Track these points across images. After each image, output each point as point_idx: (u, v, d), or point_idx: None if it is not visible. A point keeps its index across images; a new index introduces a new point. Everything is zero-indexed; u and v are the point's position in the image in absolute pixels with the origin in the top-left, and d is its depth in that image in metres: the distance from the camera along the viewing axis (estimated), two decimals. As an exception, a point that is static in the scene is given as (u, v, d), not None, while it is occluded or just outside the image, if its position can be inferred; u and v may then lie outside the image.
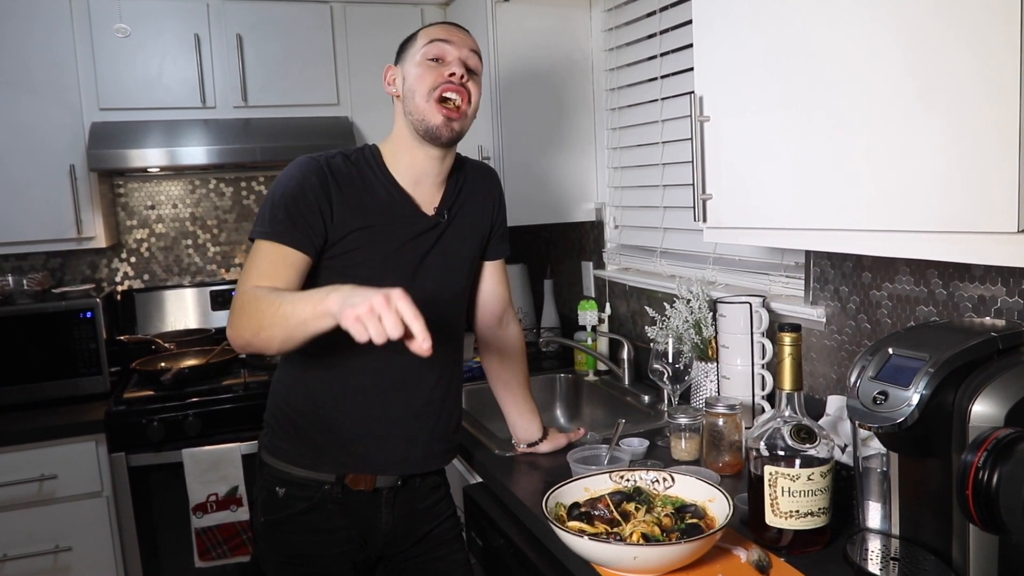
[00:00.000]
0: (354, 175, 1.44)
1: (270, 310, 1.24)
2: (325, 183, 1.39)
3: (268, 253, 1.36)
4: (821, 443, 1.15)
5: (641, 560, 1.10)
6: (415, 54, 1.45)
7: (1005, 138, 0.85)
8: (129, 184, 2.90)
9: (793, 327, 1.18)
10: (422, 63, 1.43)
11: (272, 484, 1.49)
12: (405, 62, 1.47)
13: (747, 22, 1.24)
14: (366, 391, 1.46)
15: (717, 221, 1.36)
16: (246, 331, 1.28)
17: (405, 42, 1.50)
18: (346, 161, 1.45)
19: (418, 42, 1.45)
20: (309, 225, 1.37)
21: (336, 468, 1.46)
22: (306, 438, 1.47)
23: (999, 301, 1.26)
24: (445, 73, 1.42)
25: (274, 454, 1.50)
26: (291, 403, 1.50)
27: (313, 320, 1.17)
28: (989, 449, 0.90)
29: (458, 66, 1.42)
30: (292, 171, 1.41)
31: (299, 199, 1.37)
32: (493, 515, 1.57)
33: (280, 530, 1.49)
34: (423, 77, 1.42)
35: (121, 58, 2.47)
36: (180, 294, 2.89)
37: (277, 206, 1.37)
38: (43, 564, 2.25)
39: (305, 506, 1.47)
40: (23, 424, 2.25)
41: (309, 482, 1.46)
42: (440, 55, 1.43)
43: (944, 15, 0.91)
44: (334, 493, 1.46)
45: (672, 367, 1.76)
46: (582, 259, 2.66)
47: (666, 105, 2.11)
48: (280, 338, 1.24)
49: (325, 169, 1.41)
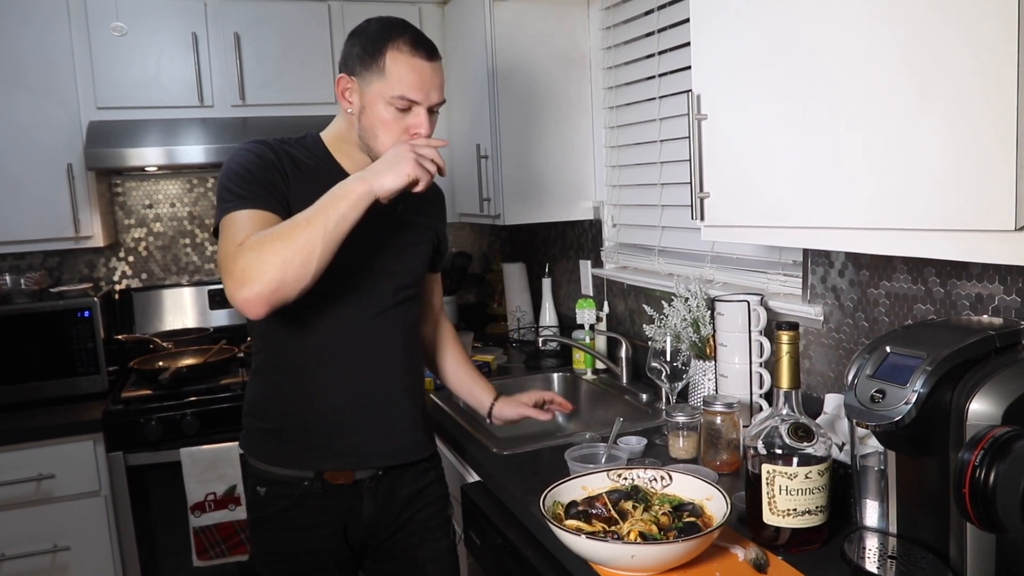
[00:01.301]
0: (303, 158, 1.45)
1: (295, 232, 1.23)
2: (280, 159, 1.40)
3: (246, 218, 1.31)
4: (819, 441, 1.15)
5: (639, 559, 1.10)
6: (379, 94, 1.37)
7: (1003, 136, 0.85)
8: (127, 183, 2.90)
9: (791, 325, 1.18)
10: (387, 110, 1.38)
11: (254, 483, 1.51)
12: (367, 88, 1.39)
13: (744, 20, 1.24)
14: (338, 386, 1.47)
15: (715, 219, 1.36)
16: (271, 269, 1.21)
17: (365, 54, 1.39)
18: (295, 145, 1.47)
19: (387, 79, 1.37)
20: (276, 189, 1.36)
21: (314, 465, 1.47)
22: (283, 437, 1.48)
23: (996, 299, 1.26)
24: (411, 128, 1.39)
25: (253, 455, 1.52)
26: (265, 404, 1.51)
27: (354, 207, 1.25)
28: (986, 447, 0.90)
29: (424, 125, 1.40)
30: (241, 150, 1.41)
31: (261, 167, 1.37)
32: (491, 514, 1.57)
33: (264, 528, 1.50)
34: (389, 127, 1.39)
35: (118, 57, 2.47)
36: (178, 293, 2.89)
37: (241, 178, 1.35)
38: (41, 563, 2.25)
39: (286, 504, 1.48)
40: (21, 423, 2.25)
41: (288, 479, 1.47)
42: (408, 107, 1.39)
43: (942, 11, 0.91)
44: (313, 489, 1.47)
45: (670, 365, 1.76)
46: (580, 258, 2.66)
47: (664, 103, 2.11)
48: (320, 248, 1.23)
49: (277, 148, 1.42)
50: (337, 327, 1.45)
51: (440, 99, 1.43)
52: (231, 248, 1.28)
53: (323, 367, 1.46)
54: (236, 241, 1.28)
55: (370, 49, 1.38)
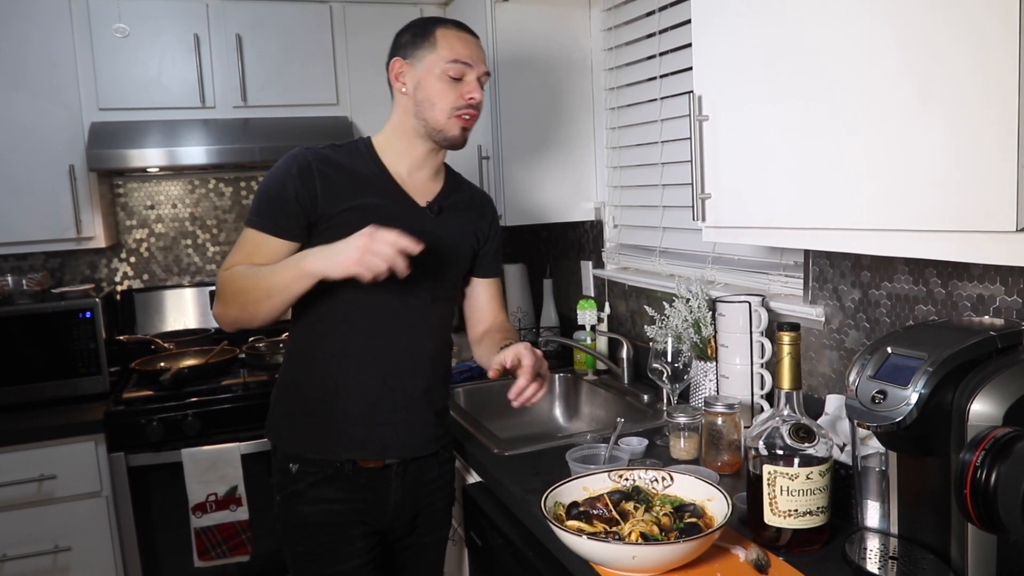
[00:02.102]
0: (342, 160, 1.50)
1: (252, 283, 1.40)
2: (306, 171, 1.45)
3: (251, 239, 1.47)
4: (820, 442, 1.15)
5: (640, 559, 1.10)
6: (434, 64, 1.47)
7: (1004, 136, 0.85)
8: (128, 184, 2.90)
9: (792, 326, 1.18)
10: (442, 78, 1.47)
11: (286, 462, 1.55)
12: (420, 65, 1.49)
13: (746, 21, 1.24)
14: (367, 377, 1.52)
15: (716, 220, 1.36)
16: (232, 307, 1.43)
17: (415, 37, 1.50)
18: (336, 150, 1.52)
19: (439, 51, 1.47)
20: (287, 213, 1.45)
21: (342, 453, 1.52)
22: (312, 422, 1.53)
23: (998, 300, 1.26)
24: (465, 95, 1.48)
25: (283, 439, 1.56)
26: (295, 389, 1.56)
27: (295, 282, 1.36)
28: (987, 448, 0.90)
29: (477, 90, 1.50)
30: (279, 163, 1.49)
31: (278, 189, 1.45)
32: (492, 514, 1.57)
33: (297, 502, 1.53)
34: (444, 94, 1.48)
35: (120, 58, 2.48)
36: (179, 294, 2.89)
37: (261, 197, 1.47)
38: (42, 564, 2.25)
39: (319, 477, 1.52)
40: (22, 424, 2.25)
41: (321, 460, 1.52)
42: (461, 75, 1.48)
43: (943, 12, 0.91)
44: (345, 470, 1.52)
45: (671, 366, 1.77)
46: (581, 258, 2.66)
47: (665, 104, 2.11)
48: (265, 308, 1.41)
49: (309, 158, 1.47)
50: (370, 320, 1.51)
51: (486, 70, 1.52)
52: (226, 263, 1.47)
53: (352, 358, 1.51)
54: (231, 258, 1.47)
55: (420, 32, 1.50)
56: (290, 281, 1.37)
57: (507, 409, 2.32)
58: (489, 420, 2.11)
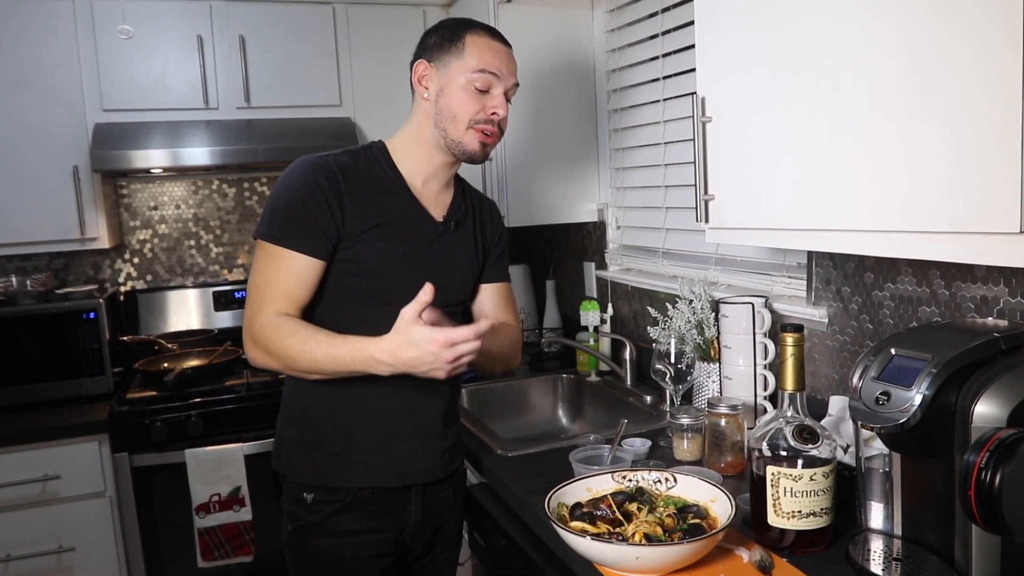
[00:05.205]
0: (363, 171, 1.42)
1: (299, 349, 1.31)
2: (335, 183, 1.36)
3: (280, 262, 1.35)
4: (823, 443, 1.15)
5: (643, 560, 1.10)
6: (459, 73, 1.39)
7: (1007, 138, 0.85)
8: (132, 185, 2.91)
9: (795, 327, 1.18)
10: (467, 88, 1.39)
11: (299, 492, 1.46)
12: (444, 70, 1.40)
13: (749, 22, 1.24)
14: (386, 402, 1.44)
15: (719, 222, 1.36)
16: (273, 361, 1.35)
17: (443, 40, 1.41)
18: (354, 158, 1.43)
19: (466, 59, 1.39)
20: (320, 228, 1.35)
21: (362, 480, 1.45)
22: (325, 450, 1.45)
23: (1001, 301, 1.25)
24: (489, 109, 1.40)
25: (295, 470, 1.48)
26: (306, 412, 1.47)
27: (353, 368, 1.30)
28: (991, 450, 0.90)
29: (502, 106, 1.41)
30: (297, 171, 1.38)
31: (308, 202, 1.34)
32: (496, 515, 1.57)
33: (311, 535, 1.46)
34: (466, 104, 1.39)
35: (124, 59, 2.48)
36: (183, 295, 2.89)
37: (285, 208, 1.35)
38: (46, 564, 2.26)
39: (336, 507, 1.45)
40: (26, 424, 2.26)
41: (338, 488, 1.45)
42: (487, 86, 1.40)
43: (946, 14, 0.91)
44: (364, 495, 1.45)
45: (674, 367, 1.77)
46: (584, 260, 2.66)
47: (668, 106, 2.11)
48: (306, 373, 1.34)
49: (334, 168, 1.38)
50: None
51: (515, 81, 1.44)
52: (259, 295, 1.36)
53: (371, 382, 1.37)
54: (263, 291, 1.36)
55: (449, 36, 1.41)
56: (349, 367, 1.30)
57: (510, 410, 2.34)
58: (492, 421, 2.11)
